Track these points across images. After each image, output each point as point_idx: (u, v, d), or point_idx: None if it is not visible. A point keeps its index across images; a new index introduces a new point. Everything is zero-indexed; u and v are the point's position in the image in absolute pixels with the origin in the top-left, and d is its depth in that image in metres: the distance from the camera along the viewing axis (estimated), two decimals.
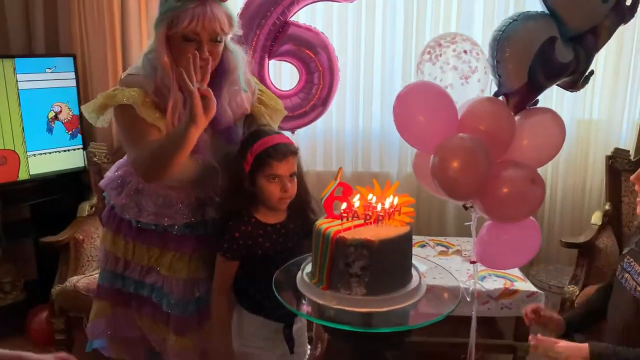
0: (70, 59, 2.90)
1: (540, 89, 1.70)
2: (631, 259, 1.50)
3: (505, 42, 1.62)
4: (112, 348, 1.85)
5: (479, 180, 1.62)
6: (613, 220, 2.90)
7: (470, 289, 1.92)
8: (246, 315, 1.67)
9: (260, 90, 1.81)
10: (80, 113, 2.95)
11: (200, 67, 1.49)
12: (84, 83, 3.03)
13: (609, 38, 1.75)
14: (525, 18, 1.65)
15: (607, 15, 1.67)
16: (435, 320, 1.30)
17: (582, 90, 1.94)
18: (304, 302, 1.39)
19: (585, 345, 1.35)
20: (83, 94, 3.00)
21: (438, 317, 1.31)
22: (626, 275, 1.49)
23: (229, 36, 1.60)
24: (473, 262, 1.88)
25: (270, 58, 2.60)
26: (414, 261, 1.40)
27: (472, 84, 1.75)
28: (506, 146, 1.69)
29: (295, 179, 1.62)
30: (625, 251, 1.55)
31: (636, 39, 3.04)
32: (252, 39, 2.46)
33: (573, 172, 3.19)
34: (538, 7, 2.90)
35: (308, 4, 2.60)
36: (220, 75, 1.61)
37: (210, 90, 1.48)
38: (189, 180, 1.66)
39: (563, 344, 1.40)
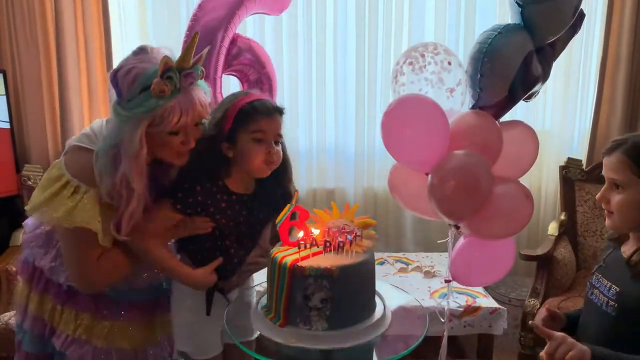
0: (0, 75, 2.70)
1: (516, 102, 1.64)
2: (599, 275, 1.48)
3: (492, 55, 1.55)
4: None
5: (481, 200, 1.52)
6: (569, 230, 2.91)
7: (446, 308, 1.85)
8: (184, 289, 1.52)
9: None
10: (12, 131, 2.75)
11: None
12: (16, 101, 2.83)
13: (562, 50, 1.76)
14: (509, 31, 1.58)
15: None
16: (404, 354, 1.20)
17: (533, 101, 1.94)
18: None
19: (588, 350, 1.28)
20: (15, 112, 2.80)
21: (407, 350, 1.21)
22: (595, 291, 1.47)
23: None
24: (448, 281, 1.79)
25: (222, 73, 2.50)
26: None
27: (456, 97, 1.65)
28: (495, 161, 1.60)
29: (280, 148, 1.49)
30: (593, 269, 1.51)
31: (584, 49, 3.08)
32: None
33: (528, 183, 3.16)
34: (490, 13, 2.93)
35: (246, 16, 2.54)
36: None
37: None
38: None
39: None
